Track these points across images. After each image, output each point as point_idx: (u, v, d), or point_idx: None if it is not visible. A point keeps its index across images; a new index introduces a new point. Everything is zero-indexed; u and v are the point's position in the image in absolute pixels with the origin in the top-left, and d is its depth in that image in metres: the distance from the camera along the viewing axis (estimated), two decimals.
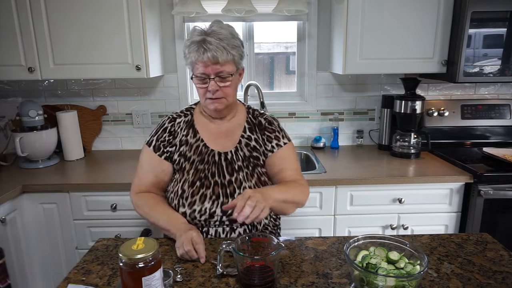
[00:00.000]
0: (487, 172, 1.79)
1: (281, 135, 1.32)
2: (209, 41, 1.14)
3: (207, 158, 1.26)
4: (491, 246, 1.14)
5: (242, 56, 1.24)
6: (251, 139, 1.30)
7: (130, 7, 1.87)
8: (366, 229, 1.85)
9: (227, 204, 1.13)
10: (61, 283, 0.98)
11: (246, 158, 1.28)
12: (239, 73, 1.26)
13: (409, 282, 0.84)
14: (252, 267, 0.91)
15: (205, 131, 1.30)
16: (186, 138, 1.29)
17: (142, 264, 0.79)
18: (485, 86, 2.36)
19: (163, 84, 2.33)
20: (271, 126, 1.33)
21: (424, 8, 1.90)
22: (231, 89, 1.22)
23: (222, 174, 1.25)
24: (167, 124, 1.32)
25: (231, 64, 1.19)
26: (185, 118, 1.33)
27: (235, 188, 1.23)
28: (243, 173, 1.25)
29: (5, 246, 1.67)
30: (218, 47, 1.14)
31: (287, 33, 2.37)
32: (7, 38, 1.90)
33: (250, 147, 1.29)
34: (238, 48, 1.20)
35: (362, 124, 2.42)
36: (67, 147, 2.17)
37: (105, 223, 1.86)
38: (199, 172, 1.25)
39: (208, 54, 1.13)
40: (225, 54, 1.15)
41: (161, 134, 1.31)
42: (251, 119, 1.33)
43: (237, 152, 1.28)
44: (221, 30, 1.17)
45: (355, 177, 1.82)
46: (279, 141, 1.31)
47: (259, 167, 1.29)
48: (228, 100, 1.24)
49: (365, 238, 0.99)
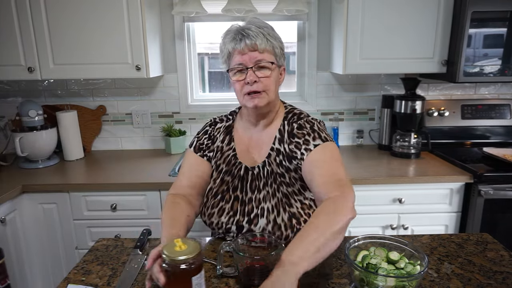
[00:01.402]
0: (487, 172, 1.79)
1: (312, 137, 1.11)
2: (248, 28, 1.07)
3: (233, 171, 1.18)
4: (491, 246, 1.13)
5: (283, 52, 1.14)
6: (279, 152, 1.15)
7: (130, 7, 1.87)
8: (366, 229, 1.85)
9: (242, 222, 1.10)
10: (61, 283, 0.98)
11: (272, 175, 1.15)
12: (280, 70, 1.15)
13: (409, 282, 0.84)
14: (252, 267, 0.91)
15: (240, 139, 1.22)
16: (222, 144, 1.22)
17: (186, 266, 0.80)
18: (485, 86, 2.36)
19: (163, 84, 2.33)
20: (301, 131, 1.13)
21: (424, 8, 1.90)
22: (272, 82, 1.10)
23: (245, 190, 1.16)
24: (208, 128, 1.27)
25: (271, 54, 1.09)
26: (226, 123, 1.26)
27: (253, 208, 1.13)
28: (265, 191, 1.14)
29: (5, 246, 1.67)
30: (257, 33, 1.05)
31: (287, 33, 2.37)
32: (7, 38, 1.90)
33: (277, 163, 1.15)
34: (279, 41, 1.12)
35: (362, 124, 2.42)
36: (67, 147, 2.17)
37: (105, 223, 1.86)
38: (224, 184, 1.18)
39: (247, 41, 1.05)
40: (265, 41, 1.06)
41: (201, 136, 1.26)
42: (284, 127, 1.17)
43: (264, 167, 1.16)
44: (261, 22, 1.11)
45: (355, 177, 1.82)
46: (309, 144, 1.10)
47: (284, 186, 1.13)
48: (269, 96, 1.10)
49: (365, 238, 0.98)
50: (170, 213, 1.11)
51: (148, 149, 2.41)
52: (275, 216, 1.11)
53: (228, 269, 0.99)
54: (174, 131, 2.30)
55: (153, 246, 1.17)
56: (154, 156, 2.25)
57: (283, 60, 1.16)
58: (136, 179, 1.84)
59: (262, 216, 1.12)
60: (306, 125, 1.14)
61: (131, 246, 1.17)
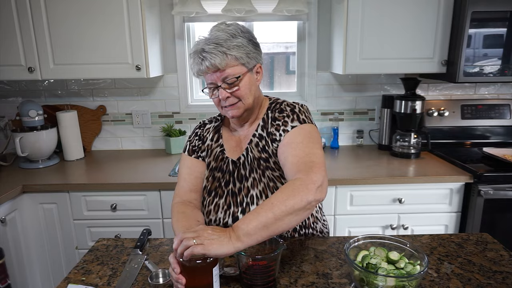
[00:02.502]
0: (487, 172, 1.79)
1: (291, 119, 1.11)
2: (205, 50, 1.06)
3: (222, 166, 1.21)
4: (491, 246, 1.14)
5: (252, 53, 1.11)
6: (261, 137, 1.16)
7: (130, 7, 1.87)
8: (366, 229, 1.85)
9: (237, 213, 1.12)
10: (61, 283, 0.98)
11: (255, 160, 1.16)
12: (255, 71, 1.14)
13: (409, 282, 0.84)
14: (254, 267, 0.91)
15: (228, 137, 1.25)
16: (211, 142, 1.25)
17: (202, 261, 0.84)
18: (485, 86, 2.36)
19: (163, 84, 2.33)
20: (282, 114, 1.14)
21: (424, 8, 1.90)
22: (245, 91, 1.10)
23: (233, 181, 1.18)
24: (197, 130, 1.30)
25: (236, 66, 1.08)
26: (215, 124, 1.28)
27: (244, 197, 1.14)
28: (251, 178, 1.15)
29: (5, 246, 1.67)
30: (213, 53, 1.05)
31: (287, 33, 2.37)
32: (7, 38, 1.90)
33: (260, 148, 1.16)
34: (242, 47, 1.08)
35: (362, 124, 2.42)
36: (67, 147, 2.17)
37: (105, 223, 1.86)
38: (215, 181, 1.20)
39: (206, 63, 1.06)
40: (224, 58, 1.05)
41: (193, 139, 1.28)
42: (268, 114, 1.18)
43: (248, 154, 1.17)
44: (219, 33, 1.08)
45: (355, 177, 1.82)
46: (287, 126, 1.10)
47: (269, 170, 1.14)
48: (245, 103, 1.12)
49: (365, 238, 0.99)
50: (181, 224, 1.11)
51: (148, 149, 2.42)
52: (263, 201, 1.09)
53: (228, 269, 0.99)
54: (174, 131, 2.30)
55: (153, 246, 1.17)
56: (154, 156, 2.25)
57: (258, 56, 1.14)
58: (136, 179, 1.84)
59: (252, 203, 1.13)
60: (286, 108, 1.15)
61: (131, 246, 1.17)
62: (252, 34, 1.14)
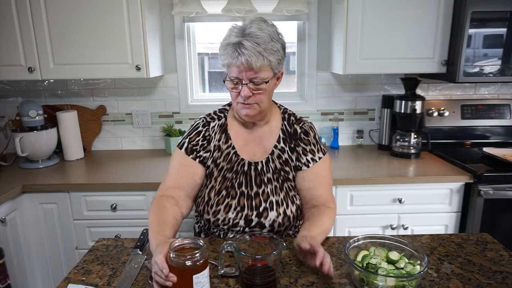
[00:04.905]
0: (487, 172, 1.79)
1: (317, 148, 1.26)
2: (244, 45, 1.06)
3: (236, 167, 1.22)
4: (491, 246, 1.14)
5: (282, 60, 1.15)
6: (284, 151, 1.25)
7: (130, 7, 1.87)
8: (366, 229, 1.85)
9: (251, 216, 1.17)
10: (61, 283, 0.98)
11: (276, 171, 1.23)
12: (276, 77, 1.18)
13: (409, 282, 0.84)
14: (254, 267, 0.91)
15: (237, 137, 1.25)
16: (219, 143, 1.24)
17: (190, 263, 0.83)
18: (485, 86, 2.36)
19: (163, 84, 2.33)
20: (307, 137, 1.26)
21: (424, 8, 1.90)
22: (265, 95, 1.15)
23: (250, 185, 1.21)
24: (201, 128, 1.26)
25: (267, 71, 1.11)
26: (218, 122, 1.27)
27: (261, 201, 1.19)
28: (272, 186, 1.21)
29: (5, 246, 1.67)
30: (253, 52, 1.05)
31: (287, 33, 2.37)
32: (7, 38, 1.90)
33: (282, 160, 1.24)
34: (277, 53, 1.11)
35: (362, 124, 2.42)
36: (67, 147, 2.17)
37: (105, 223, 1.86)
38: (227, 181, 1.21)
39: (242, 59, 1.06)
40: (261, 60, 1.07)
41: (194, 137, 1.25)
42: (286, 127, 1.27)
43: (268, 163, 1.23)
44: (260, 32, 1.08)
45: (355, 177, 1.82)
46: (314, 155, 1.25)
47: (288, 182, 1.24)
48: (261, 107, 1.17)
49: (365, 238, 0.99)
50: (157, 216, 1.10)
51: (148, 149, 2.41)
52: (284, 208, 1.20)
53: (228, 269, 0.99)
54: (174, 131, 2.30)
55: None
56: (154, 156, 2.25)
57: (283, 65, 1.17)
58: (136, 179, 1.84)
59: (272, 209, 1.19)
60: (310, 132, 1.28)
61: (131, 246, 1.17)
62: (284, 39, 1.17)
